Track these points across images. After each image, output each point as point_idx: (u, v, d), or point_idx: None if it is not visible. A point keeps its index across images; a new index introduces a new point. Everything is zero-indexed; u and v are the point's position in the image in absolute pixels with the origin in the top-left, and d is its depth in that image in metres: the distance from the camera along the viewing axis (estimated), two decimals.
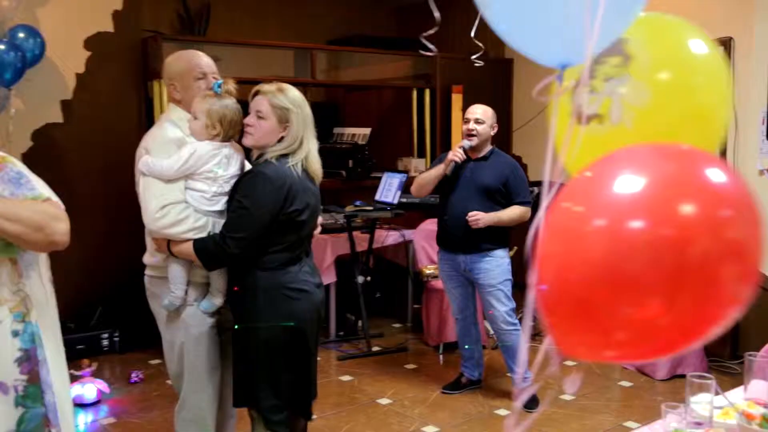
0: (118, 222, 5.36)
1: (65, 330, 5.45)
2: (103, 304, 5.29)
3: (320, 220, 2.91)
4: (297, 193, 2.61)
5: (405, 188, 5.35)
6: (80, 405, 4.19)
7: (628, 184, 1.27)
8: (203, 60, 2.87)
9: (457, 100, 6.67)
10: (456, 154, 4.14)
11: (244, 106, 2.72)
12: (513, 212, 4.12)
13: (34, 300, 1.97)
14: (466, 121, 4.21)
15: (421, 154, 6.76)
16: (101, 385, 4.31)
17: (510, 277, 4.25)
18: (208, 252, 2.57)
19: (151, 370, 4.83)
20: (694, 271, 1.19)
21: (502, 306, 4.20)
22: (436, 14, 4.06)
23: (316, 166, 2.73)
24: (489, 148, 4.25)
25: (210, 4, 6.47)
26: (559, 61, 1.43)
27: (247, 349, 2.66)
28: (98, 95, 5.31)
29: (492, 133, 4.24)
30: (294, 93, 2.69)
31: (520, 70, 6.91)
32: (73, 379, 4.30)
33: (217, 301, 2.71)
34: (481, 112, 4.20)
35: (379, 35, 7.48)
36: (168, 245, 2.64)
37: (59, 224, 1.87)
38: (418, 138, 6.80)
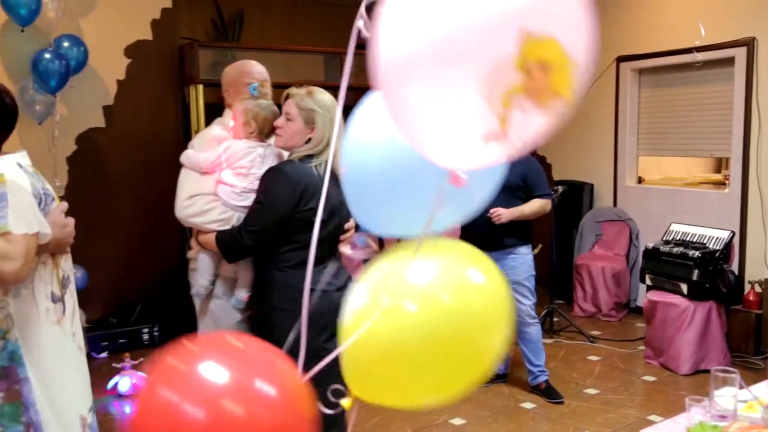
0: (157, 222, 5.44)
1: (108, 325, 5.58)
2: (144, 300, 5.37)
3: (352, 222, 2.79)
4: (314, 193, 2.59)
5: None
6: (122, 396, 4.28)
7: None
8: (255, 68, 2.98)
9: None
10: None
11: (281, 110, 2.78)
12: (534, 205, 4.11)
13: (18, 318, 1.92)
14: None
15: None
16: (138, 378, 4.38)
17: (534, 272, 4.24)
18: (226, 243, 2.63)
19: None
20: None
21: (527, 300, 4.21)
22: None
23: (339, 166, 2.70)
24: None
25: (243, 12, 6.54)
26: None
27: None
28: (138, 100, 5.37)
29: None
30: (322, 96, 2.68)
31: None
32: (115, 371, 4.39)
33: (240, 295, 2.76)
34: None
35: None
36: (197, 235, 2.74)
37: (3, 263, 1.76)
38: None
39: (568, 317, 5.55)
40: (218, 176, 2.72)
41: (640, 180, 6.35)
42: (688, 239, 4.99)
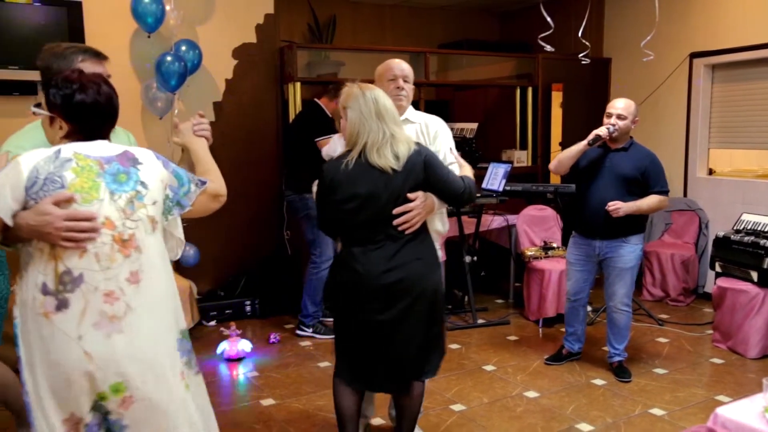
0: (259, 206, 5.62)
1: (216, 297, 5.80)
2: (247, 275, 5.53)
3: (402, 207, 2.62)
4: (339, 185, 2.60)
5: (509, 177, 5.32)
6: (229, 360, 4.45)
7: None
8: (396, 66, 3.04)
9: (557, 97, 6.55)
10: (601, 130, 3.95)
11: None
12: (651, 201, 3.93)
13: (18, 301, 1.90)
14: (608, 115, 3.98)
15: (524, 147, 6.68)
16: (246, 344, 4.53)
17: (639, 263, 4.08)
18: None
19: (286, 333, 5.03)
20: None
21: (625, 287, 4.05)
22: (549, 20, 4.04)
23: (374, 157, 2.58)
24: (628, 140, 4.03)
25: (336, 16, 6.63)
26: None
27: None
28: (243, 97, 5.51)
29: (633, 126, 3.99)
30: (350, 91, 2.65)
31: (618, 69, 6.69)
32: (222, 338, 4.56)
33: None
34: (623, 106, 3.95)
35: (485, 39, 7.45)
36: None
37: None
38: (520, 132, 6.73)
39: (638, 301, 5.41)
40: None
41: (710, 171, 6.11)
42: (759, 229, 4.79)
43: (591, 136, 3.96)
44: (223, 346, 4.47)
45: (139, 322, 1.93)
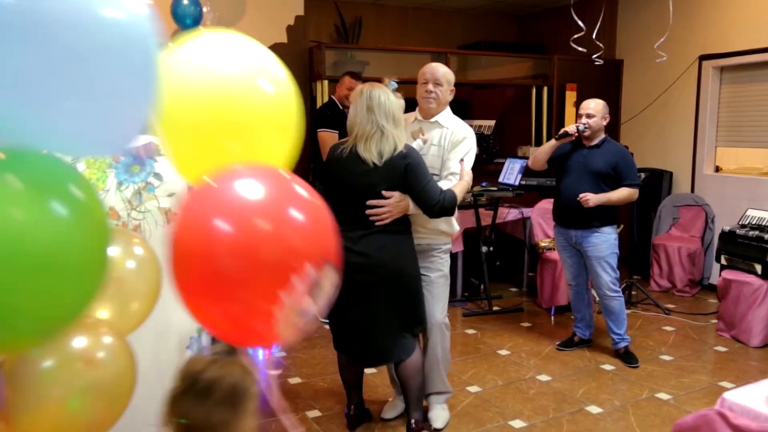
0: None
1: None
2: None
3: (374, 202, 2.71)
4: (333, 167, 2.78)
5: (525, 172, 5.31)
6: None
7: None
8: (428, 69, 3.11)
9: (570, 96, 6.51)
10: (570, 128, 4.04)
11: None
12: (621, 193, 3.97)
13: None
14: (579, 116, 4.07)
15: (539, 143, 6.64)
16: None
17: (616, 250, 4.11)
18: None
19: None
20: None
21: (607, 275, 4.07)
22: (580, 23, 4.02)
23: (361, 148, 2.68)
24: (602, 137, 4.08)
25: (361, 18, 6.63)
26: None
27: None
28: None
29: (603, 123, 4.06)
30: (361, 88, 2.75)
31: (629, 70, 6.64)
32: None
33: None
34: (593, 106, 4.04)
35: (502, 41, 7.41)
36: None
37: None
38: (535, 129, 6.70)
39: (645, 291, 5.39)
40: None
41: (717, 169, 6.06)
42: (763, 224, 4.76)
43: (560, 132, 4.06)
44: None
45: None
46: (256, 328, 1.34)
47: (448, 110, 3.18)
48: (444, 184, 2.93)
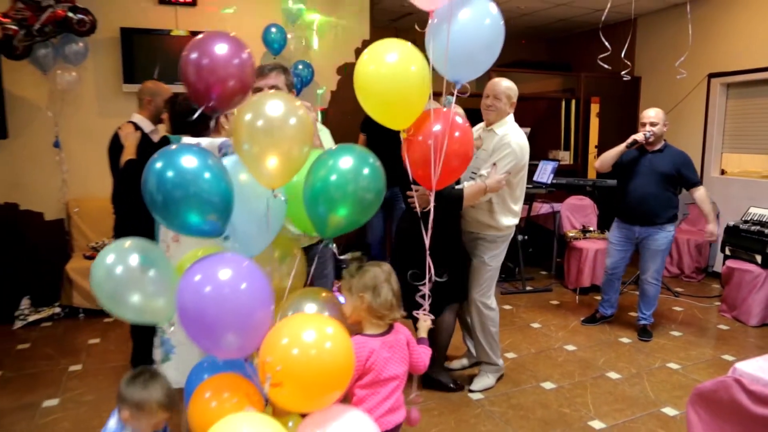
0: None
1: None
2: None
3: (411, 192, 2.70)
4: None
5: (556, 172, 5.34)
6: None
7: None
8: (489, 85, 3.14)
9: (594, 108, 6.58)
10: (638, 136, 3.89)
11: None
12: (706, 203, 3.89)
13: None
14: (642, 125, 3.91)
15: (567, 148, 6.72)
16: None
17: (670, 245, 4.03)
18: None
19: None
20: None
21: (656, 265, 4.02)
22: (606, 44, 4.13)
23: None
24: (663, 142, 3.96)
25: (415, 40, 6.80)
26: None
27: None
28: (344, 106, 5.59)
29: (664, 130, 3.92)
30: None
31: (646, 86, 6.67)
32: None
33: None
34: (653, 115, 3.89)
35: (536, 60, 7.49)
36: None
37: None
38: (564, 136, 6.74)
39: None
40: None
41: (722, 172, 6.09)
42: (764, 220, 4.82)
43: (629, 140, 3.92)
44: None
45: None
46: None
47: (506, 120, 3.09)
48: (467, 183, 2.86)
